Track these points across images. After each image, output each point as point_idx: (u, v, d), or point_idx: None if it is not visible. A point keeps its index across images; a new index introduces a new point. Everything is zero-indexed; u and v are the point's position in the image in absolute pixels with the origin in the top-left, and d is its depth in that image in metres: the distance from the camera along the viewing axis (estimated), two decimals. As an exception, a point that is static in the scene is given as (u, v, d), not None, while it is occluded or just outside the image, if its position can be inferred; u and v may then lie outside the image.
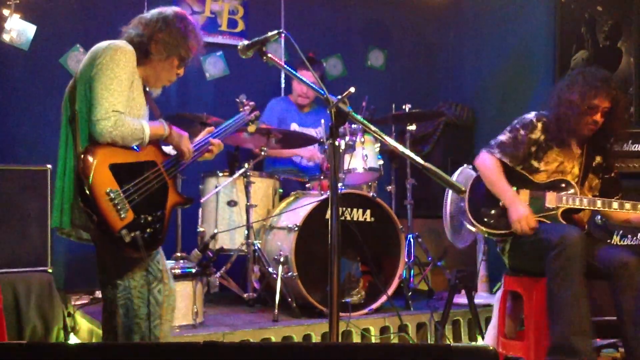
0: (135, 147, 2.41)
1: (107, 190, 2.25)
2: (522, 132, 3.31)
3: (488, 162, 3.32)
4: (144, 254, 2.31)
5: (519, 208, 3.18)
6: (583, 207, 3.21)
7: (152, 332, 2.43)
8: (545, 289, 3.03)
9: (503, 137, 3.34)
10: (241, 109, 3.14)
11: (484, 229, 3.29)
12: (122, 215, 2.27)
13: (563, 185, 3.27)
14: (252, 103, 3.20)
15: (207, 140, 2.73)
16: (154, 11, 2.57)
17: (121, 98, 2.32)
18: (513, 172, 3.31)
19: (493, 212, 3.29)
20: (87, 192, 2.22)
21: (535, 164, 3.33)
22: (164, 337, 2.49)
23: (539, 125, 3.32)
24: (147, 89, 2.60)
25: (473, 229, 3.34)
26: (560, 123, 3.24)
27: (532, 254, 3.19)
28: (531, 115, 3.36)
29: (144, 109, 2.50)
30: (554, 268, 2.98)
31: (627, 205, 3.15)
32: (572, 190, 3.25)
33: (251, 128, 3.15)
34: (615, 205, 3.15)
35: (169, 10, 2.57)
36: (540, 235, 3.13)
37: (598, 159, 3.36)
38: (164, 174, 2.49)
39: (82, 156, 2.26)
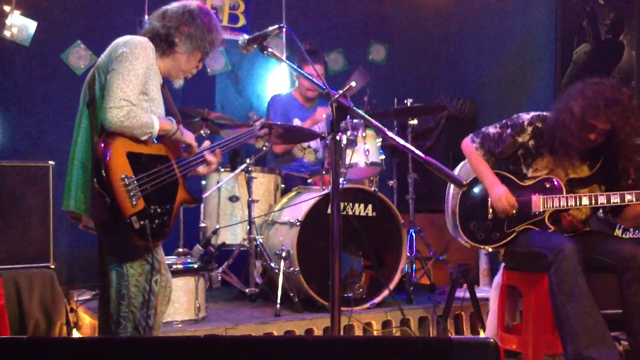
0: (154, 140, 2.45)
1: (123, 176, 2.29)
2: (508, 130, 3.25)
3: (471, 148, 3.34)
4: (150, 243, 2.34)
5: (498, 188, 3.19)
6: (569, 208, 3.13)
7: (147, 321, 2.44)
8: (546, 288, 3.01)
9: (492, 129, 3.32)
10: (252, 124, 3.20)
11: (479, 246, 3.31)
12: (134, 202, 2.31)
13: (548, 185, 3.19)
14: (262, 120, 3.28)
15: (203, 152, 2.68)
16: (177, 4, 2.61)
17: (136, 90, 2.35)
18: (502, 177, 3.26)
19: (483, 226, 3.28)
20: (104, 173, 2.26)
21: (524, 169, 3.27)
22: (157, 328, 2.50)
23: (529, 129, 3.22)
24: (164, 84, 2.63)
25: (468, 246, 3.35)
26: (556, 130, 3.09)
27: (526, 261, 3.20)
28: (527, 116, 3.25)
29: (161, 105, 2.54)
30: (554, 285, 2.93)
31: (615, 199, 3.03)
32: (557, 189, 3.16)
33: (259, 143, 3.21)
34: (602, 199, 3.05)
35: (193, 4, 2.62)
36: (533, 248, 3.10)
37: (606, 172, 3.20)
38: (176, 171, 2.53)
39: (103, 138, 2.30)
